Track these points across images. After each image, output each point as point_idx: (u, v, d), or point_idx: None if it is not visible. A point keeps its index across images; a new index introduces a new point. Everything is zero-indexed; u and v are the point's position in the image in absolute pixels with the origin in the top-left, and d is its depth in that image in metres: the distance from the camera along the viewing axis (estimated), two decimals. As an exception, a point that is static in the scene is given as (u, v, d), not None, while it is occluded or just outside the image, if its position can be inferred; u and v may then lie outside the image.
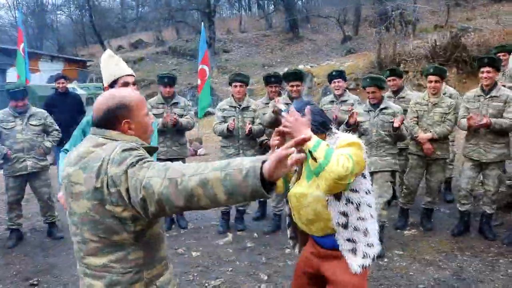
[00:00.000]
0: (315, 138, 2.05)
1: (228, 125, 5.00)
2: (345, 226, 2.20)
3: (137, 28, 34.56)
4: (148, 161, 1.58)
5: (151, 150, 1.80)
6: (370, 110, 4.70)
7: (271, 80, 5.44)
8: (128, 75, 2.86)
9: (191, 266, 4.37)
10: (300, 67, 17.05)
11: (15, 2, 32.87)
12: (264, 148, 5.43)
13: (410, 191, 5.14)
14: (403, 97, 5.54)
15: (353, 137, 2.22)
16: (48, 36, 33.05)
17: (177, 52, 23.81)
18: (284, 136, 2.27)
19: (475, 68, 11.65)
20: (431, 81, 4.90)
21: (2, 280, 4.19)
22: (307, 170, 2.32)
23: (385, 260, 4.40)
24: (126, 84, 2.83)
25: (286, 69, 16.94)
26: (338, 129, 2.38)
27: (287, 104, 4.76)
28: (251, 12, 36.23)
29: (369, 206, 2.26)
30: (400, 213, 5.29)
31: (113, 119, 1.73)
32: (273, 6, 30.95)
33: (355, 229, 2.20)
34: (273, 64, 20.46)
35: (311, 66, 17.09)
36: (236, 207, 5.39)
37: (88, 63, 23.01)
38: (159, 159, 5.27)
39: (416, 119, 5.03)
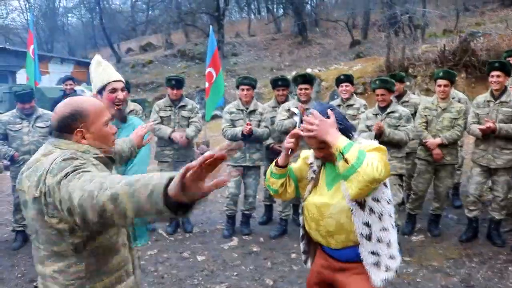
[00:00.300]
0: (346, 140, 1.97)
1: (242, 130, 4.97)
2: (369, 237, 2.11)
3: (146, 31, 34.78)
4: (85, 171, 1.50)
5: (108, 161, 1.78)
6: (378, 114, 4.68)
7: (278, 83, 5.42)
8: (116, 80, 2.78)
9: (196, 270, 4.35)
10: (309, 70, 17.00)
11: (27, 4, 33.23)
12: (271, 152, 5.40)
13: (418, 196, 5.09)
14: (407, 101, 5.50)
15: (376, 143, 2.14)
16: (59, 38, 33.36)
17: (186, 55, 23.87)
18: (298, 139, 2.21)
19: (484, 72, 11.57)
20: (440, 85, 4.86)
21: (7, 282, 4.20)
22: (328, 177, 2.24)
23: (392, 266, 4.35)
24: (113, 90, 2.75)
25: (294, 73, 16.95)
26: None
27: (306, 109, 4.79)
28: (260, 16, 36.28)
29: (390, 216, 2.18)
30: (407, 219, 5.24)
31: (66, 128, 1.69)
32: (282, 10, 30.97)
33: (379, 240, 2.12)
34: (282, 68, 20.43)
35: (319, 70, 17.05)
36: (242, 211, 5.37)
37: (97, 66, 23.07)
38: (165, 162, 5.26)
39: (425, 124, 4.98)
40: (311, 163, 2.35)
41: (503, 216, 4.80)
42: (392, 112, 4.62)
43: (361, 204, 2.09)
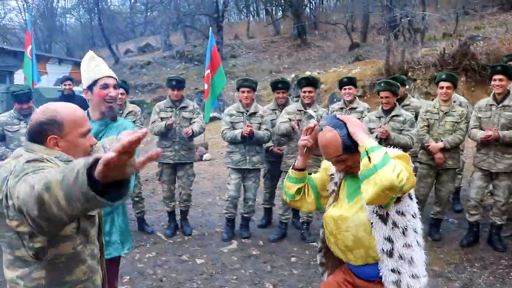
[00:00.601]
0: (375, 142, 1.89)
1: (242, 132, 4.92)
2: (390, 253, 1.97)
3: (145, 32, 34.74)
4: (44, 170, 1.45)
5: None
6: (381, 117, 4.65)
7: (279, 86, 5.39)
8: (109, 76, 2.65)
9: (195, 274, 4.30)
10: (308, 73, 16.99)
11: (25, 5, 33.15)
12: (270, 155, 5.37)
13: (419, 200, 5.02)
14: (408, 105, 5.47)
15: (399, 150, 2.02)
16: (57, 39, 33.28)
17: (185, 57, 23.84)
18: (313, 135, 2.11)
19: (484, 76, 11.57)
20: (442, 87, 4.83)
21: (3, 286, 4.14)
22: (349, 190, 2.14)
23: (393, 270, 4.31)
24: (105, 86, 2.61)
25: (293, 75, 16.95)
26: None
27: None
28: (259, 18, 36.29)
29: (415, 231, 2.04)
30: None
31: (40, 134, 1.65)
32: (281, 12, 30.98)
33: (400, 257, 1.97)
34: (281, 70, 20.42)
35: (318, 73, 17.04)
36: (242, 214, 5.33)
37: (96, 67, 23.04)
38: (166, 164, 5.21)
39: (427, 127, 4.95)
40: (332, 175, 2.24)
41: (504, 221, 4.77)
42: (396, 115, 4.59)
43: (383, 217, 1.96)
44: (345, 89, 5.44)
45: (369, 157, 1.83)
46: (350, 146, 1.99)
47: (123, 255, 4.55)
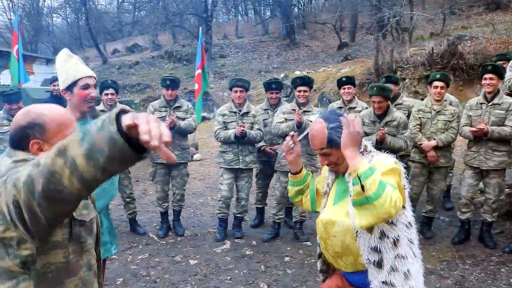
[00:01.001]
0: (366, 163, 1.73)
1: (236, 132, 4.90)
2: (379, 265, 1.86)
3: (133, 32, 34.50)
4: None
5: None
6: (376, 121, 4.60)
7: (272, 86, 5.37)
8: (89, 76, 2.56)
9: (189, 275, 4.28)
10: (297, 73, 17.03)
11: (10, 4, 32.72)
12: (263, 154, 5.36)
13: (412, 199, 5.05)
14: (400, 104, 5.49)
15: (392, 161, 1.91)
16: (43, 39, 32.91)
17: (173, 57, 23.73)
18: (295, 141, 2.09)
19: (472, 75, 11.68)
20: (436, 87, 4.86)
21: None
22: (337, 191, 2.06)
23: (386, 269, 4.34)
24: (86, 87, 2.53)
25: (282, 75, 16.97)
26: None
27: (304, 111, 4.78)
28: (247, 18, 36.28)
29: (410, 242, 1.93)
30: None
31: (22, 139, 1.52)
32: (269, 12, 31.01)
33: (393, 269, 1.85)
34: (270, 70, 20.43)
35: (307, 72, 17.08)
36: (234, 214, 5.31)
37: (83, 67, 22.87)
38: (160, 164, 5.17)
39: (419, 126, 4.98)
40: (327, 176, 2.20)
41: (494, 218, 4.83)
42: (390, 121, 4.54)
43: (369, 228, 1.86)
44: (344, 88, 5.41)
45: (362, 185, 1.69)
46: (335, 141, 1.94)
47: (115, 257, 4.54)
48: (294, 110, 4.86)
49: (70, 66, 2.53)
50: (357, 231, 1.88)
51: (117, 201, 6.17)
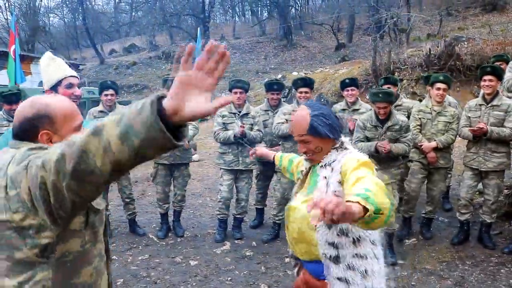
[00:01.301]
0: (363, 199, 1.44)
1: (235, 133, 4.91)
2: (336, 260, 1.84)
3: (130, 33, 34.48)
4: None
5: None
6: (377, 126, 4.49)
7: (274, 87, 5.35)
8: (72, 76, 2.66)
9: (189, 276, 4.28)
10: (294, 74, 17.05)
11: (7, 4, 32.62)
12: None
13: (411, 197, 5.07)
14: (400, 105, 5.49)
15: (363, 156, 1.90)
16: (40, 39, 32.80)
17: (171, 57, 23.74)
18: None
19: (469, 77, 11.72)
20: (439, 89, 4.85)
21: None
22: (312, 182, 2.05)
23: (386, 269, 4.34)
24: (70, 86, 2.62)
25: (279, 76, 17.00)
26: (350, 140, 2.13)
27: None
28: (244, 18, 36.30)
29: (372, 243, 1.88)
30: (402, 223, 5.21)
31: (30, 130, 1.48)
32: (266, 13, 31.05)
33: (349, 267, 1.84)
34: (267, 71, 20.47)
35: (305, 73, 17.11)
36: (234, 215, 5.32)
37: (80, 67, 22.87)
38: (162, 164, 5.17)
39: (419, 127, 4.99)
40: (303, 163, 2.22)
41: (493, 219, 4.84)
42: (392, 125, 4.44)
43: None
44: (347, 90, 5.37)
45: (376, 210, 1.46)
46: (317, 129, 1.94)
47: (115, 257, 4.53)
48: (295, 111, 4.85)
49: (53, 68, 2.63)
50: (315, 225, 1.84)
51: (117, 201, 6.17)
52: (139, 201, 6.62)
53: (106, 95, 5.21)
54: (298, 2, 30.91)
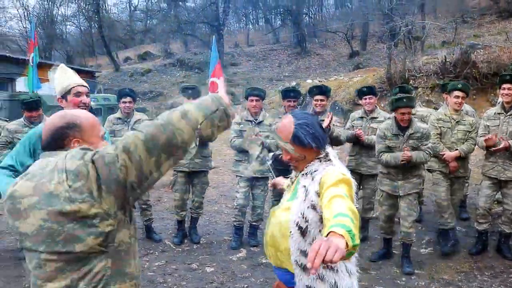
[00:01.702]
0: (346, 234, 1.46)
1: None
2: (306, 269, 1.83)
3: (145, 40, 34.84)
4: None
5: None
6: (399, 135, 4.43)
7: (290, 95, 5.34)
8: (81, 85, 2.85)
9: (205, 282, 4.29)
10: (309, 81, 17.06)
11: (25, 12, 33.24)
12: (279, 163, 5.36)
13: (444, 206, 4.90)
14: (414, 114, 5.45)
15: (343, 171, 1.91)
16: (57, 46, 33.33)
17: (185, 65, 23.94)
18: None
19: (486, 84, 11.61)
20: (458, 97, 4.82)
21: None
22: (295, 190, 2.06)
23: (403, 279, 4.32)
24: (79, 94, 2.82)
25: (294, 83, 17.01)
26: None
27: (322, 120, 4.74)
28: (258, 26, 36.47)
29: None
30: (443, 236, 4.96)
31: (62, 139, 1.63)
32: (280, 21, 31.16)
33: (319, 277, 1.84)
34: (281, 78, 20.51)
35: (319, 81, 17.10)
36: (250, 222, 5.33)
37: (96, 74, 23.18)
38: (181, 172, 5.21)
39: (439, 135, 4.94)
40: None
41: (513, 229, 4.78)
42: (414, 133, 4.38)
43: (302, 230, 1.86)
44: (365, 98, 5.35)
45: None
46: (300, 138, 1.97)
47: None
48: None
49: (64, 78, 2.85)
50: (290, 231, 1.90)
51: (133, 208, 6.21)
52: (155, 207, 6.65)
53: (124, 102, 5.28)
54: (312, 10, 30.99)
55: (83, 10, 30.26)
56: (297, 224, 1.89)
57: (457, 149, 4.81)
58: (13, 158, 2.74)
